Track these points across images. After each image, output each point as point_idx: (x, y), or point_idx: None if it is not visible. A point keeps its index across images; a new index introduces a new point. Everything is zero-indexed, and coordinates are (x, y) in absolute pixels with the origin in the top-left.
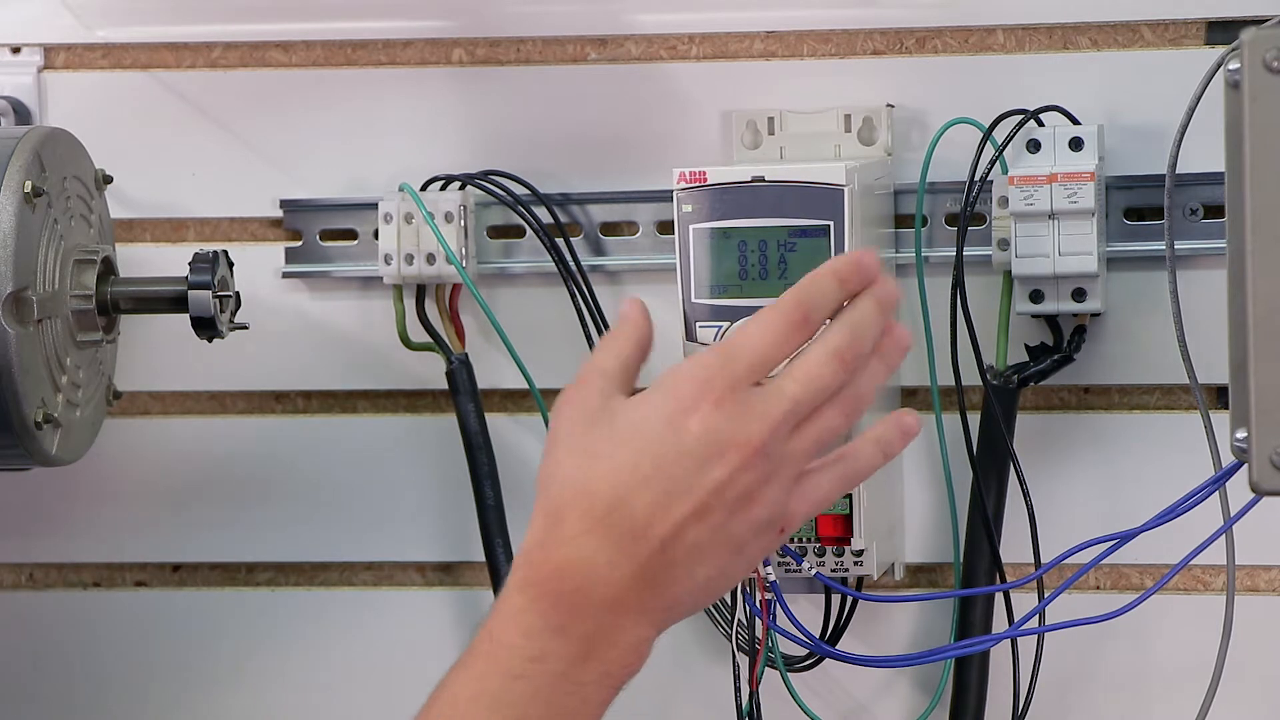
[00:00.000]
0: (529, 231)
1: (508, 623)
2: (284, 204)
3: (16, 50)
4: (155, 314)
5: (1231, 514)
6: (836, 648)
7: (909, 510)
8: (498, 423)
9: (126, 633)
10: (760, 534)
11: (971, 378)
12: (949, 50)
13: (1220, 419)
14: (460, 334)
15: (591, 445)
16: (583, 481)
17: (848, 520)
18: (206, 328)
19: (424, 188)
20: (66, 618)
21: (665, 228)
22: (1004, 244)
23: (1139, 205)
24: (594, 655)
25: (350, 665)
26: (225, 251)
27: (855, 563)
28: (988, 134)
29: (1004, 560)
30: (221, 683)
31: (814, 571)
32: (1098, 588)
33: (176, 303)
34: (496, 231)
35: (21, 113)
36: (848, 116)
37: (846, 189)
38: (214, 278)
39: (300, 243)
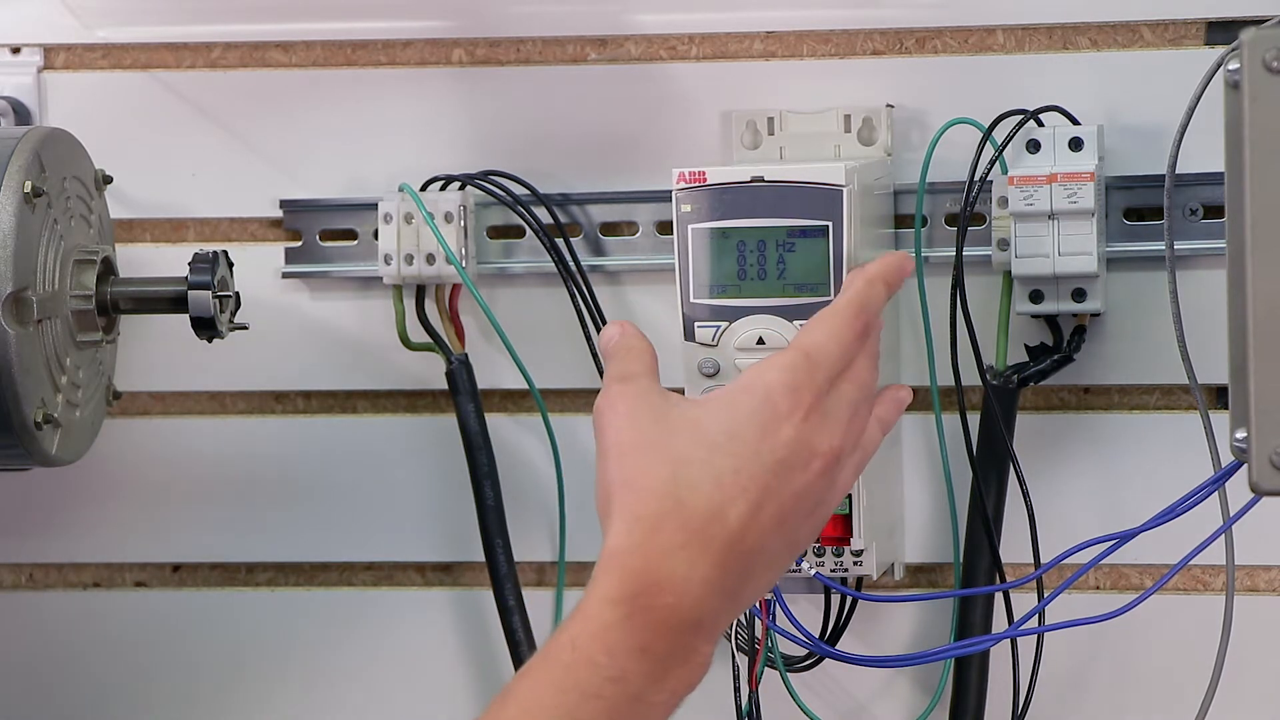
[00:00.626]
0: (529, 231)
1: (594, 637)
2: (284, 204)
3: (16, 50)
4: (155, 314)
5: (1231, 514)
6: (836, 648)
7: (909, 510)
8: (498, 423)
9: (126, 633)
10: (814, 530)
11: (971, 378)
12: (949, 50)
13: (1220, 419)
14: (460, 334)
15: (678, 450)
16: (677, 489)
17: (847, 520)
18: (206, 328)
19: (424, 188)
20: (66, 618)
21: (665, 228)
22: (1004, 244)
23: (1139, 205)
24: (668, 675)
25: (350, 665)
26: (225, 251)
27: (855, 563)
28: (988, 134)
29: (1004, 560)
30: (221, 683)
31: (814, 571)
32: (1097, 588)
33: (176, 303)
34: (496, 231)
35: (21, 113)
36: (848, 116)
37: (846, 189)
38: (214, 278)
39: (300, 243)
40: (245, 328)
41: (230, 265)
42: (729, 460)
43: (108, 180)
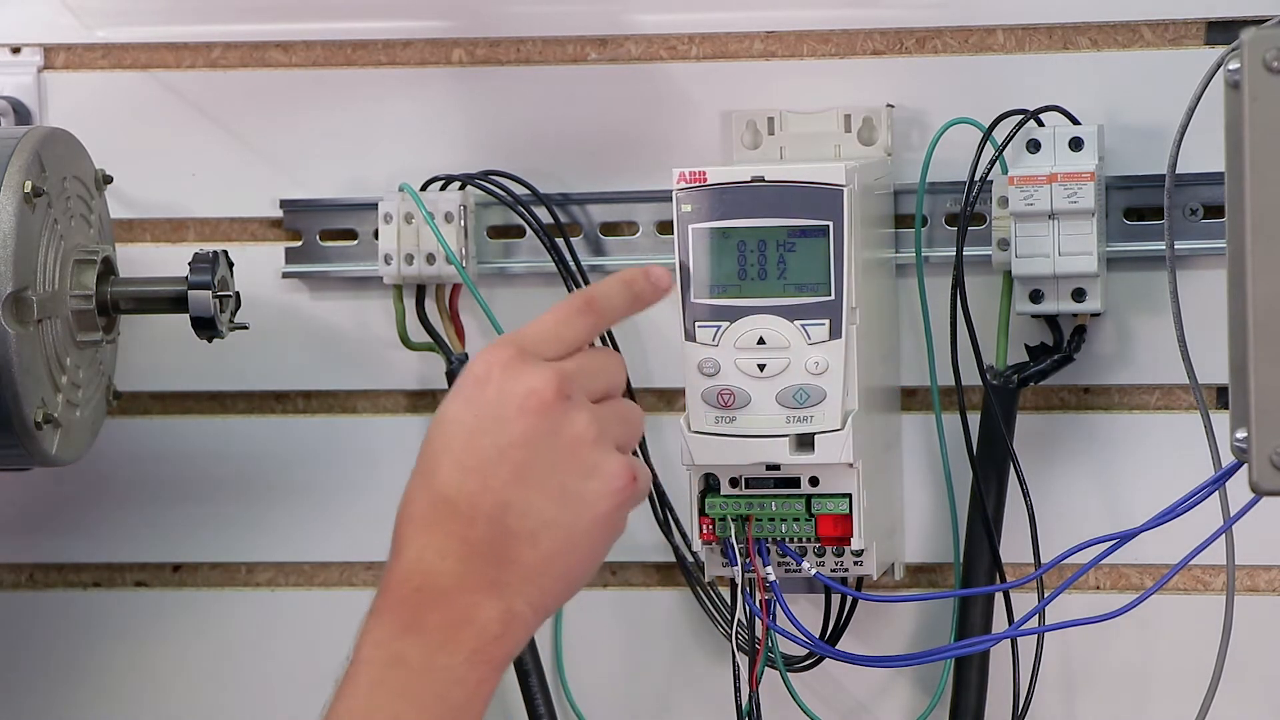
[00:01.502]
0: (529, 231)
1: (362, 643)
2: (284, 204)
3: (16, 50)
4: (155, 314)
5: (1231, 514)
6: (836, 648)
7: (909, 510)
8: None
9: (126, 633)
10: (590, 476)
11: (971, 378)
12: (949, 50)
13: (1220, 419)
14: (460, 334)
15: (419, 464)
16: (408, 497)
17: (848, 520)
18: (206, 328)
19: (424, 188)
20: (66, 618)
21: (665, 228)
22: (1004, 244)
23: (1139, 205)
24: (455, 638)
25: None
26: (225, 251)
27: (855, 563)
28: (988, 134)
29: (1004, 560)
30: (221, 683)
31: (814, 571)
32: (1097, 588)
33: (176, 303)
34: (496, 231)
35: (21, 113)
36: (848, 116)
37: (846, 189)
38: (214, 278)
39: (300, 243)
40: (245, 328)
41: (230, 265)
42: (441, 443)
43: (108, 180)
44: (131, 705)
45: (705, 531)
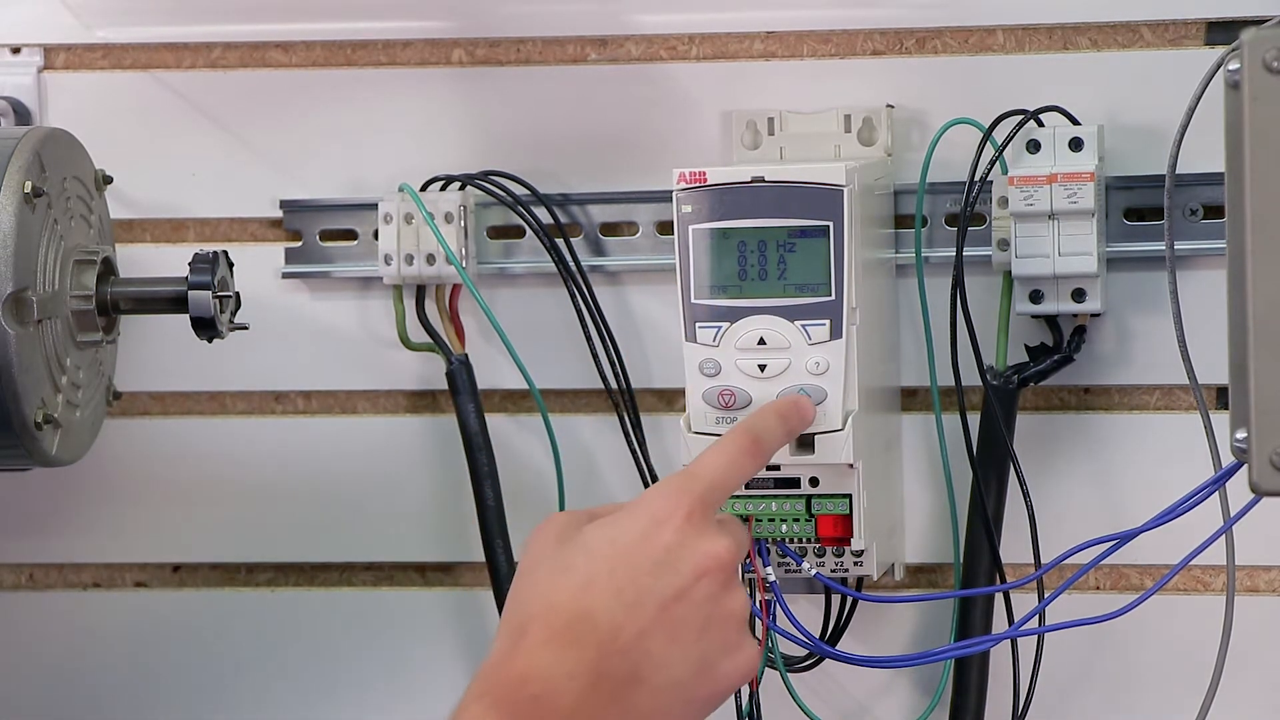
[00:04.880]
0: (529, 231)
1: None
2: (284, 204)
3: (16, 50)
4: (155, 314)
5: (1231, 514)
6: (836, 648)
7: (909, 510)
8: (498, 423)
9: (126, 633)
10: (729, 653)
11: (971, 378)
12: (949, 50)
13: (1220, 419)
14: (460, 334)
15: (564, 562)
16: (549, 595)
17: (848, 520)
18: (206, 328)
19: (424, 188)
20: (66, 618)
21: (665, 228)
22: (1004, 244)
23: (1139, 205)
24: None
25: (350, 665)
26: (225, 251)
27: (855, 563)
28: (988, 134)
29: (1004, 560)
30: (221, 683)
31: (814, 572)
32: (1098, 588)
33: (176, 303)
34: (496, 231)
35: (21, 113)
36: (848, 117)
37: (846, 189)
38: (214, 278)
39: (300, 243)
40: (245, 328)
41: (230, 265)
42: (604, 564)
43: (108, 180)
44: (131, 705)
45: None
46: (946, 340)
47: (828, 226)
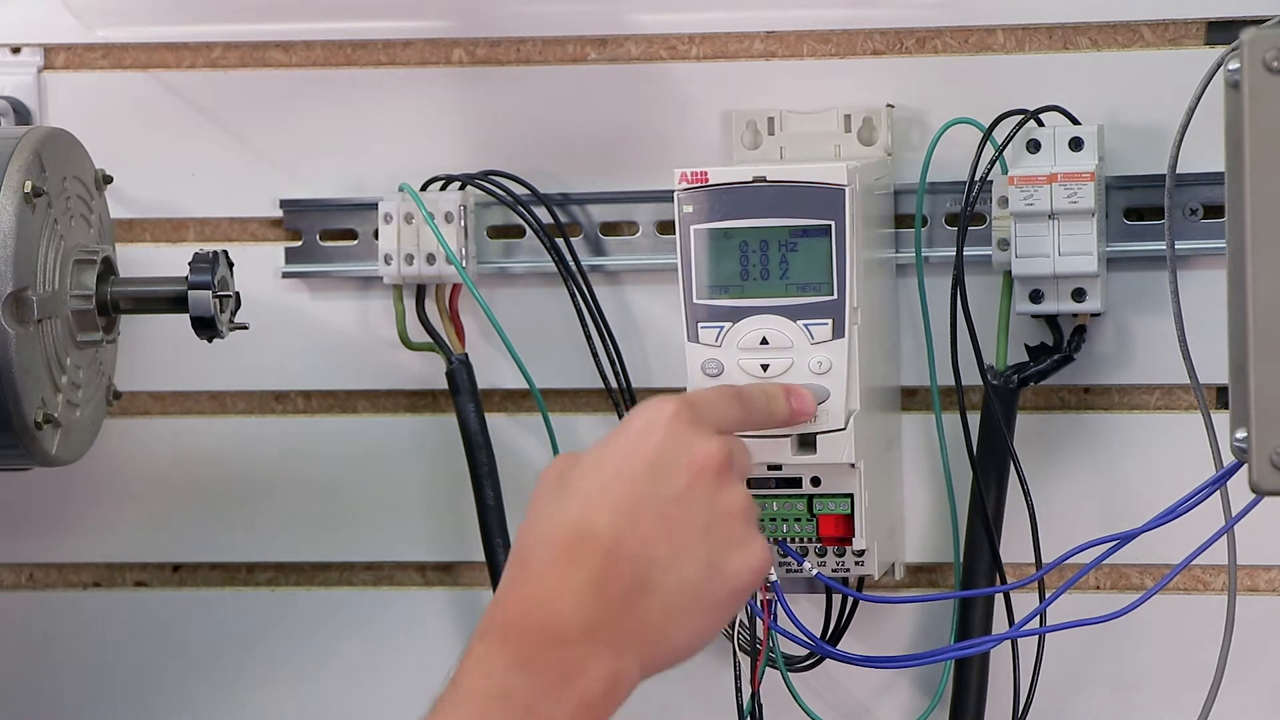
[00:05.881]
0: (529, 231)
1: (473, 666)
2: (284, 204)
3: (16, 50)
4: (155, 314)
5: (1232, 514)
6: (837, 648)
7: (909, 510)
8: (498, 423)
9: (126, 633)
10: (736, 550)
11: (971, 378)
12: (949, 50)
13: (1220, 419)
14: (460, 334)
15: (562, 489)
16: (548, 523)
17: (848, 520)
18: (206, 328)
19: (424, 188)
20: (66, 618)
21: (665, 228)
22: (1004, 244)
23: (1139, 205)
24: (565, 687)
25: (350, 665)
26: (225, 251)
27: (856, 563)
28: (988, 134)
29: (1004, 560)
30: (221, 683)
31: (815, 571)
32: (1098, 588)
33: (176, 303)
34: (496, 231)
35: (21, 113)
36: (848, 116)
37: (847, 189)
38: (214, 278)
39: (300, 243)
40: (245, 328)
41: (230, 265)
42: (596, 480)
43: (108, 180)
44: (132, 705)
45: None
46: (946, 340)
47: (829, 226)
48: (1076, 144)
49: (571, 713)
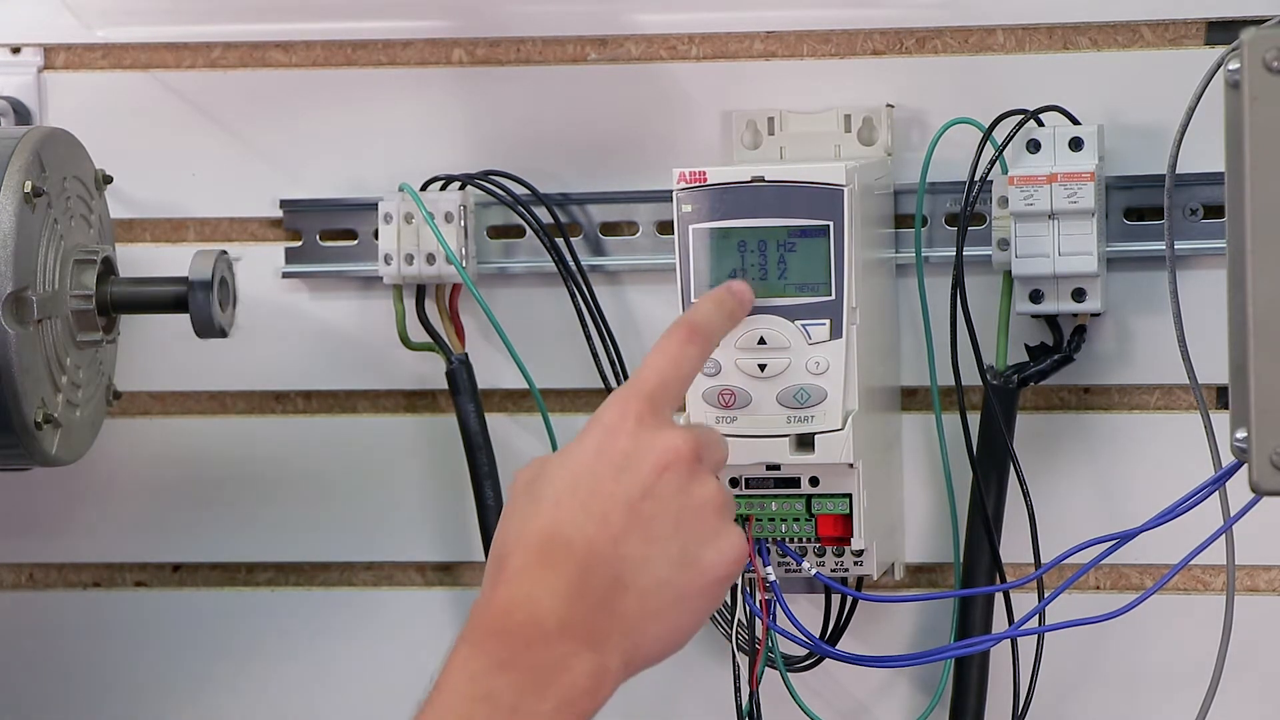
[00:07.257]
0: (529, 231)
1: (455, 670)
2: (284, 204)
3: (16, 50)
4: (155, 314)
5: (1231, 514)
6: (836, 648)
7: (909, 510)
8: (498, 423)
9: (126, 633)
10: (710, 542)
11: (971, 378)
12: (949, 50)
13: (1220, 419)
14: (460, 334)
15: (531, 495)
16: (521, 528)
17: (848, 520)
18: (206, 328)
19: (424, 188)
20: (66, 618)
21: (665, 228)
22: (1004, 244)
23: (1139, 205)
24: (548, 685)
25: (350, 665)
26: (225, 251)
27: (855, 563)
28: (988, 134)
29: (1004, 560)
30: (221, 683)
31: (814, 571)
32: (1098, 588)
33: (176, 303)
34: (496, 231)
35: (21, 113)
36: (848, 116)
37: (847, 189)
38: (214, 277)
39: (300, 243)
40: (245, 327)
41: (230, 265)
42: (566, 484)
43: (108, 180)
44: (131, 705)
45: None
46: (946, 340)
47: (828, 226)
48: (1076, 144)
49: (555, 710)
